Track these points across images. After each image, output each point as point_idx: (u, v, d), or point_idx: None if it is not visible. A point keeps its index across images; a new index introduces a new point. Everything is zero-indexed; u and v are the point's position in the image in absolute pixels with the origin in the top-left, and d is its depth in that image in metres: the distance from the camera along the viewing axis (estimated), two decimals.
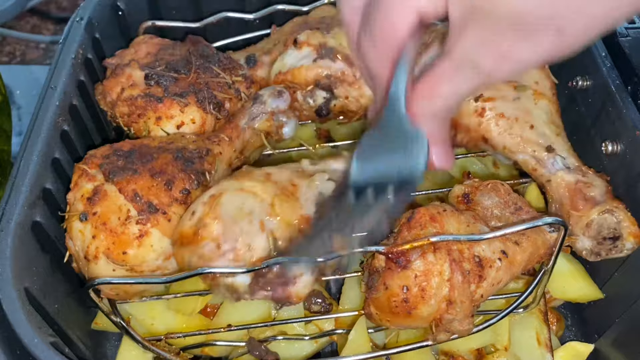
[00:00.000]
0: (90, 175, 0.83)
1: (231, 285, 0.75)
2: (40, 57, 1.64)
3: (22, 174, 0.82)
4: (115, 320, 0.82)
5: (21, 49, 1.65)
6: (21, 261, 0.78)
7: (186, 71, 0.98)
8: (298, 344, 0.91)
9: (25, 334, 0.71)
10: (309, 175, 0.84)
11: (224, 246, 0.74)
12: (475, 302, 0.75)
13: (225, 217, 0.75)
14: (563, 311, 1.05)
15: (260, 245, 0.75)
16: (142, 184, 0.80)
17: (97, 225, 0.79)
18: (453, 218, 0.77)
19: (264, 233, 0.75)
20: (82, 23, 1.02)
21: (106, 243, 0.79)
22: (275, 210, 0.77)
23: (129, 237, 0.79)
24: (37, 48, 1.66)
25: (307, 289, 0.77)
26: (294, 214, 0.78)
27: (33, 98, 1.33)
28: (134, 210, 0.79)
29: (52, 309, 0.83)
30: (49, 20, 1.73)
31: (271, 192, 0.79)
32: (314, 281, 0.77)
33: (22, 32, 1.67)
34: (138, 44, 1.04)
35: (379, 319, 0.77)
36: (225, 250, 0.74)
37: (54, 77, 0.94)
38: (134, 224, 0.79)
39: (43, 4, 1.74)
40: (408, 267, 0.72)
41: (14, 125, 1.20)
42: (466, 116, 0.93)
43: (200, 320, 0.94)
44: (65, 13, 1.75)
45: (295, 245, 0.76)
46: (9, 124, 1.12)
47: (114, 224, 0.79)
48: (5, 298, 0.73)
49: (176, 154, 0.84)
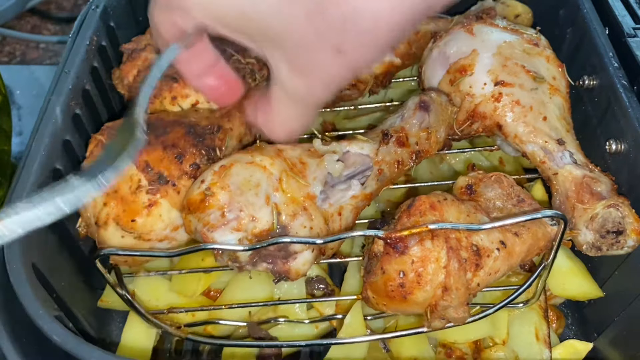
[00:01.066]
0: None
1: (233, 253, 0.77)
2: (40, 57, 1.66)
3: (34, 154, 0.84)
4: (120, 292, 0.83)
5: (21, 49, 1.67)
6: (30, 238, 0.79)
7: None
8: (299, 328, 0.93)
9: (31, 306, 0.73)
10: (320, 155, 0.85)
11: (228, 215, 0.76)
12: (472, 291, 0.76)
13: (233, 187, 0.77)
14: (563, 309, 1.05)
15: (264, 217, 0.76)
16: (154, 156, 0.82)
17: (109, 192, 0.81)
18: (453, 207, 0.78)
19: (269, 206, 0.77)
20: (97, 11, 1.04)
21: (116, 210, 0.81)
22: (282, 186, 0.79)
23: (138, 206, 0.81)
24: (37, 48, 1.67)
25: (306, 266, 0.78)
26: (300, 191, 0.80)
27: (33, 98, 1.36)
28: (144, 181, 0.81)
29: (59, 286, 0.85)
30: (49, 20, 1.75)
31: (280, 167, 0.81)
32: (314, 259, 0.79)
33: (22, 32, 1.68)
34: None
35: (375, 303, 0.78)
36: (229, 219, 0.76)
37: (67, 62, 0.96)
38: (144, 194, 0.81)
39: (43, 4, 1.76)
40: (405, 252, 0.73)
41: (14, 125, 1.21)
42: (484, 103, 0.95)
43: (204, 302, 0.96)
44: (65, 13, 1.77)
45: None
46: (9, 124, 1.14)
47: (125, 192, 0.81)
48: (13, 271, 0.75)
49: (188, 129, 0.86)
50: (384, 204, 1.10)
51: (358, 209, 0.87)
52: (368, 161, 0.87)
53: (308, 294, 0.95)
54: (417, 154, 0.92)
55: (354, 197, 0.85)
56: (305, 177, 0.82)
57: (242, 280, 0.94)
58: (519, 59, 0.96)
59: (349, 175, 0.86)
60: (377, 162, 0.88)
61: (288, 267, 0.77)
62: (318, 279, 0.95)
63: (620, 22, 1.04)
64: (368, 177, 0.87)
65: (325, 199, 0.82)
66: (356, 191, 0.85)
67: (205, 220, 0.76)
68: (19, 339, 0.74)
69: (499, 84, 0.94)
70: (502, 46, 0.97)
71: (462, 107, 0.96)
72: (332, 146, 0.87)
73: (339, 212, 0.84)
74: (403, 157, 0.90)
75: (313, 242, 0.74)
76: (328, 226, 0.82)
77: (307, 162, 0.84)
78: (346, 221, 0.85)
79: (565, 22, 1.11)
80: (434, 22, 1.10)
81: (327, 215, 0.82)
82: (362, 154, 0.88)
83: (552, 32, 1.13)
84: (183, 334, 0.83)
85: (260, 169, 0.79)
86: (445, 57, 1.00)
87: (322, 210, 0.81)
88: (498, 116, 0.94)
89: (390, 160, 0.89)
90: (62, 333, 0.71)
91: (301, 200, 0.80)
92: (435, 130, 0.93)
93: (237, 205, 0.76)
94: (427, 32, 1.09)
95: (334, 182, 0.84)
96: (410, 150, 0.91)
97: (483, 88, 0.95)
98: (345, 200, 0.84)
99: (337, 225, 0.83)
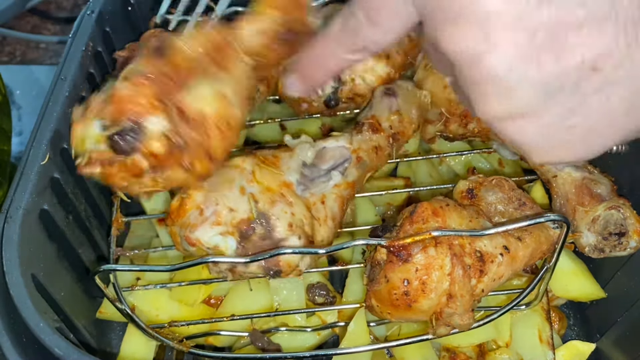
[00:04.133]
0: None
1: (218, 250, 0.77)
2: (40, 57, 1.64)
3: (31, 163, 0.83)
4: (120, 307, 0.83)
5: (21, 49, 1.66)
6: (29, 248, 0.79)
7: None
8: (301, 336, 0.92)
9: (31, 318, 0.72)
10: (291, 150, 0.87)
11: (206, 212, 0.76)
12: (476, 297, 0.76)
13: (207, 185, 0.78)
14: (565, 310, 1.05)
15: (240, 207, 0.77)
16: None
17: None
18: (455, 213, 0.77)
19: (244, 196, 0.78)
20: (92, 16, 1.03)
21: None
22: (255, 177, 0.80)
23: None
24: (37, 48, 1.66)
25: (297, 256, 0.78)
26: (275, 180, 0.81)
27: (33, 98, 1.35)
28: None
29: (58, 296, 0.84)
30: (49, 20, 1.73)
31: (251, 162, 0.82)
32: (303, 246, 0.78)
33: (22, 32, 1.67)
34: (148, 37, 1.05)
35: (380, 312, 0.78)
36: (207, 215, 0.76)
37: (64, 69, 0.95)
38: None
39: (43, 4, 1.74)
40: (409, 260, 0.72)
41: (14, 125, 1.20)
42: None
43: (204, 310, 0.95)
44: (65, 13, 1.76)
45: None
46: (9, 124, 1.13)
47: None
48: (13, 283, 0.74)
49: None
50: (383, 207, 1.09)
51: (343, 198, 0.87)
52: (345, 152, 0.89)
53: (309, 301, 0.94)
54: (394, 136, 0.94)
55: (336, 186, 0.86)
56: (278, 167, 0.83)
57: (242, 289, 0.94)
58: None
59: (328, 168, 0.87)
60: (354, 150, 0.89)
61: (277, 259, 0.77)
62: (319, 285, 0.94)
63: None
64: (347, 168, 0.88)
65: (305, 189, 0.83)
66: (337, 180, 0.86)
67: (186, 223, 0.77)
68: (25, 351, 0.73)
69: None
70: None
71: (449, 95, 0.96)
72: (303, 138, 0.88)
73: (322, 201, 0.84)
74: (380, 142, 0.92)
75: (315, 252, 0.74)
76: (311, 214, 0.82)
77: (279, 155, 0.85)
78: (332, 211, 0.85)
79: None
80: None
81: (308, 203, 0.83)
82: (338, 146, 0.89)
83: None
84: (185, 348, 0.83)
85: (232, 168, 0.81)
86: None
87: (302, 199, 0.82)
88: None
89: (367, 148, 0.90)
90: (64, 346, 0.70)
91: (276, 188, 0.80)
92: (406, 111, 0.95)
93: (213, 200, 0.77)
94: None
95: (313, 177, 0.85)
96: (385, 135, 0.93)
97: None
98: (328, 190, 0.85)
99: (323, 214, 0.84)
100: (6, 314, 0.75)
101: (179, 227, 0.78)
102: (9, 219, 0.78)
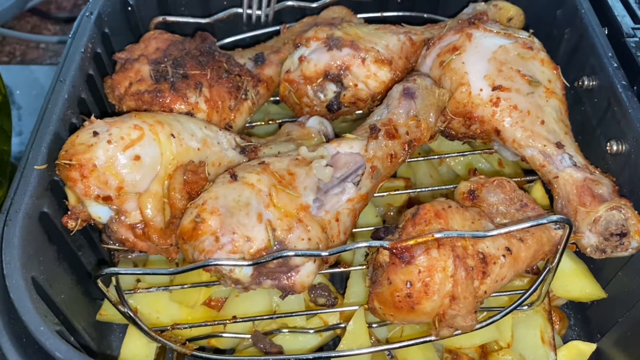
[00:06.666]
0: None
1: (234, 277, 0.76)
2: (40, 57, 1.65)
3: (31, 165, 0.83)
4: (123, 310, 0.82)
5: (21, 49, 1.66)
6: (29, 251, 0.79)
7: (194, 68, 0.98)
8: (302, 337, 0.92)
9: (32, 322, 0.72)
10: (308, 162, 0.84)
11: (222, 239, 0.75)
12: (479, 298, 0.76)
13: (222, 210, 0.76)
14: (566, 310, 1.05)
15: (258, 236, 0.75)
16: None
17: None
18: (458, 214, 0.77)
19: (262, 224, 0.76)
20: (91, 18, 1.03)
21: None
22: (272, 201, 0.78)
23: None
24: (37, 48, 1.66)
25: (310, 277, 0.77)
26: (293, 203, 0.79)
27: (33, 98, 1.35)
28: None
29: (59, 298, 0.84)
30: (49, 20, 1.74)
31: (268, 182, 0.79)
32: (317, 270, 0.78)
33: (22, 32, 1.67)
34: (148, 39, 1.04)
35: (382, 314, 0.78)
36: (223, 243, 0.75)
37: (63, 71, 0.94)
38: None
39: (43, 4, 1.74)
40: (412, 262, 0.72)
41: (14, 125, 1.21)
42: (481, 107, 0.94)
43: (206, 312, 0.95)
44: (65, 13, 1.76)
45: None
46: (9, 124, 1.13)
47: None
48: (13, 286, 0.74)
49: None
50: (384, 208, 1.09)
51: (356, 211, 0.86)
52: (359, 159, 0.86)
53: (310, 301, 0.94)
54: (410, 143, 0.90)
55: (349, 200, 0.84)
56: (295, 188, 0.81)
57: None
58: (514, 64, 0.96)
59: (342, 176, 0.85)
60: (369, 159, 0.86)
61: (292, 281, 0.76)
62: (320, 286, 0.94)
63: (620, 22, 1.04)
64: (362, 177, 0.85)
65: (321, 207, 0.81)
66: (351, 194, 0.84)
67: (200, 247, 0.75)
68: (25, 351, 0.73)
69: (497, 89, 0.93)
70: (496, 51, 0.96)
71: (455, 95, 0.95)
72: (320, 151, 0.85)
73: (336, 218, 0.83)
74: (395, 150, 0.89)
75: (318, 254, 0.74)
76: (326, 234, 0.80)
77: (295, 172, 0.82)
78: (344, 226, 0.84)
79: (563, 22, 1.11)
80: (428, 30, 1.10)
81: (324, 223, 0.81)
82: (353, 153, 0.86)
83: (549, 33, 1.13)
84: (188, 351, 0.82)
85: (247, 187, 0.78)
86: (437, 48, 1.01)
87: (318, 219, 0.80)
88: (496, 121, 0.94)
89: (382, 155, 0.87)
90: (64, 350, 0.70)
91: (295, 212, 0.78)
92: (424, 116, 0.91)
93: (230, 228, 0.75)
94: (422, 42, 1.08)
95: (327, 187, 0.83)
96: (401, 142, 0.89)
97: (479, 93, 0.94)
98: (342, 205, 0.83)
99: (336, 231, 0.82)
100: (6, 315, 0.75)
101: (191, 247, 0.77)
102: (8, 221, 0.78)
